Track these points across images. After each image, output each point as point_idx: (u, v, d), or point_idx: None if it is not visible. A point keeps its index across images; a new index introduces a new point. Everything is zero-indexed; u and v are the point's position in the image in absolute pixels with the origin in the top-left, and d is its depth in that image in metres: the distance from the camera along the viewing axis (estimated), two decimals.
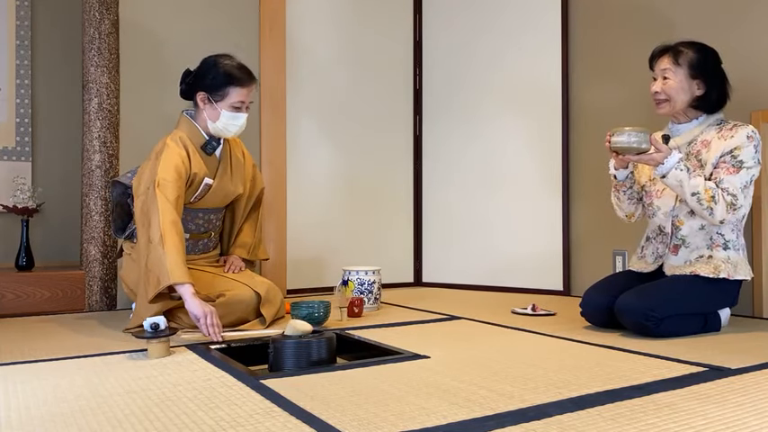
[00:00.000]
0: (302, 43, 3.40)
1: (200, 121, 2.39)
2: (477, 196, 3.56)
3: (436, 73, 3.71)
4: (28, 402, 1.38)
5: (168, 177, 2.20)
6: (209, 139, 2.39)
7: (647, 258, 2.33)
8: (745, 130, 2.13)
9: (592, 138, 3.19)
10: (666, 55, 2.22)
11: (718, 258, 2.16)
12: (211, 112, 2.33)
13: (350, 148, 3.56)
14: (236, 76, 2.32)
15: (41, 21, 3.14)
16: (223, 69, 2.32)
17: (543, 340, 2.06)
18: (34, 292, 2.68)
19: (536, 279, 3.36)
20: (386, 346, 1.95)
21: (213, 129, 2.36)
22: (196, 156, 2.34)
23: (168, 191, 2.18)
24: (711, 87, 2.20)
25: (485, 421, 1.22)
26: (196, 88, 2.35)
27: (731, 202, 2.06)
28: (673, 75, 2.19)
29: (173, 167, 2.23)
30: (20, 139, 3.05)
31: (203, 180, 2.35)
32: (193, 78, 2.37)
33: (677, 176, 2.07)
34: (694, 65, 2.18)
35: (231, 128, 2.35)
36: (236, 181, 2.51)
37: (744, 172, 2.09)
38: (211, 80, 2.32)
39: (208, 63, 2.36)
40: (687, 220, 2.19)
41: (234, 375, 1.58)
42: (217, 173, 2.42)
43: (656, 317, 2.03)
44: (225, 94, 2.31)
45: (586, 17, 3.24)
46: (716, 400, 1.36)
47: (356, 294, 2.65)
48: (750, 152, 2.10)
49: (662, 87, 2.21)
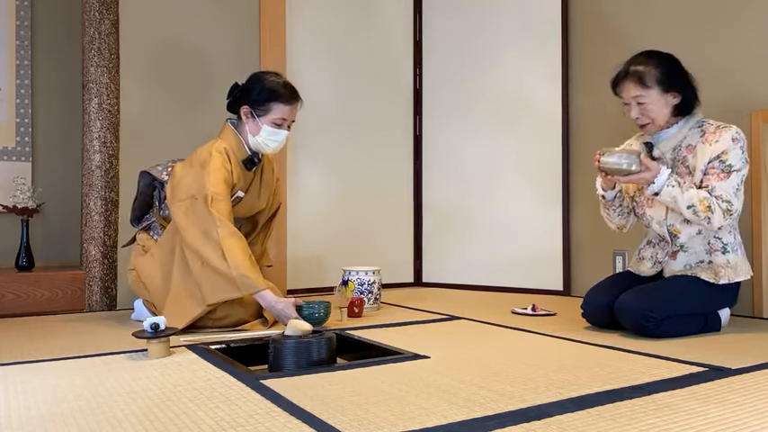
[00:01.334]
0: (302, 43, 3.40)
1: (241, 132, 2.40)
2: (478, 196, 3.56)
3: (436, 73, 3.70)
4: (28, 402, 1.38)
5: (220, 191, 2.22)
6: (252, 155, 2.40)
7: (646, 262, 2.32)
8: (728, 133, 2.09)
9: (592, 137, 3.19)
10: (630, 81, 2.15)
11: (718, 264, 2.16)
12: (253, 127, 2.36)
13: (350, 147, 3.56)
14: (280, 93, 2.34)
15: (41, 21, 3.14)
16: (268, 85, 2.35)
17: (543, 340, 2.06)
18: (34, 292, 2.68)
19: (536, 279, 3.36)
20: (386, 347, 1.95)
21: (253, 143, 2.38)
22: (237, 169, 2.37)
23: (221, 205, 2.21)
24: (685, 91, 2.16)
25: (485, 421, 1.22)
26: (241, 102, 2.37)
27: (727, 209, 2.05)
28: (646, 99, 2.13)
29: (222, 181, 2.25)
30: (20, 139, 3.05)
31: (237, 192, 2.38)
32: (240, 92, 2.38)
33: (670, 193, 2.05)
34: (663, 80, 2.13)
35: (271, 143, 2.38)
36: (263, 197, 2.55)
37: (734, 175, 2.07)
38: (256, 95, 2.34)
39: (254, 78, 2.39)
40: (684, 228, 2.17)
41: (234, 375, 1.58)
42: (250, 187, 2.45)
43: (656, 317, 2.03)
44: (268, 109, 2.34)
45: (586, 18, 3.24)
46: (716, 400, 1.36)
47: (356, 294, 2.65)
48: (737, 154, 2.08)
49: (640, 113, 2.16)
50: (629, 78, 2.16)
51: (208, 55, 2.52)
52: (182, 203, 2.23)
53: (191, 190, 2.23)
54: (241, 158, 2.38)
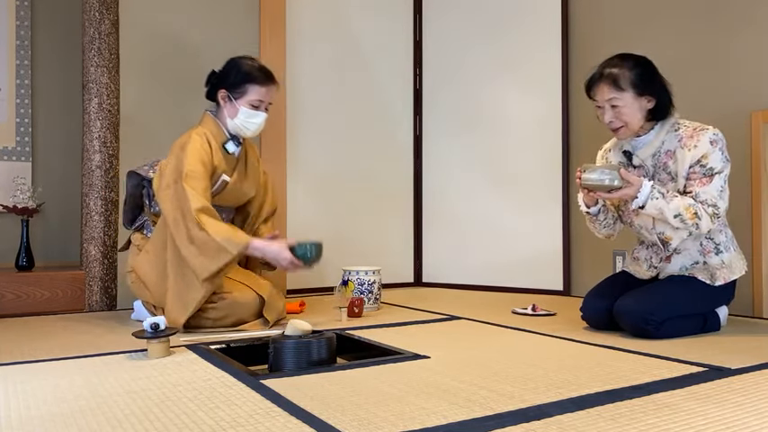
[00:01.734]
0: (302, 43, 3.40)
1: (221, 118, 2.45)
2: (478, 196, 3.56)
3: (436, 73, 3.71)
4: (28, 402, 1.38)
5: (195, 169, 2.26)
6: (231, 138, 2.44)
7: (642, 264, 2.32)
8: (705, 136, 2.07)
9: (592, 137, 3.19)
10: (604, 84, 2.12)
11: (713, 265, 2.16)
12: (231, 109, 2.41)
13: (350, 147, 3.56)
14: (255, 75, 2.40)
15: (41, 21, 3.14)
16: (244, 68, 2.40)
17: (543, 340, 2.06)
18: (34, 292, 2.68)
19: (536, 279, 3.36)
20: (386, 347, 1.95)
21: (232, 126, 2.42)
22: (218, 152, 2.40)
23: (196, 182, 2.24)
24: (660, 96, 2.13)
25: (485, 421, 1.22)
26: (219, 87, 2.42)
27: (713, 213, 2.05)
28: (620, 102, 2.11)
29: (198, 159, 2.29)
30: (20, 139, 3.05)
31: (221, 176, 2.40)
32: (217, 78, 2.44)
33: (656, 205, 2.04)
34: (637, 83, 2.09)
35: (249, 126, 2.42)
36: (250, 183, 2.56)
37: (716, 178, 2.05)
38: (233, 78, 2.40)
39: (230, 63, 2.45)
40: (674, 234, 2.16)
41: (234, 375, 1.58)
42: (234, 171, 2.47)
43: (656, 320, 2.03)
44: (244, 91, 2.39)
45: (586, 18, 3.25)
46: (716, 400, 1.36)
47: (356, 294, 2.65)
48: (717, 157, 2.06)
49: (614, 116, 2.13)
50: (603, 81, 2.13)
51: (208, 55, 2.53)
52: (167, 191, 2.27)
53: (173, 175, 2.27)
54: (221, 142, 2.43)
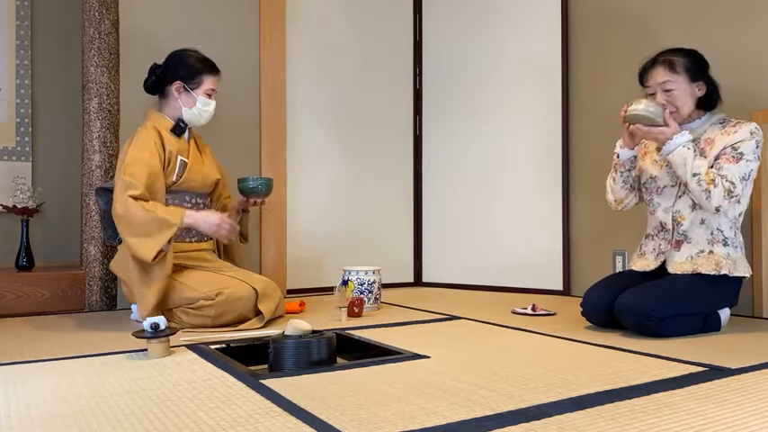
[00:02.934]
0: (302, 43, 3.40)
1: (167, 111, 2.53)
2: (478, 196, 3.56)
3: (436, 73, 3.71)
4: (28, 402, 1.38)
5: (136, 156, 2.33)
6: (177, 122, 2.53)
7: (648, 256, 2.33)
8: (748, 126, 2.15)
9: (592, 138, 3.19)
10: (661, 67, 2.23)
11: (719, 254, 2.16)
12: (188, 100, 2.51)
13: (350, 147, 3.56)
14: (207, 65, 2.53)
15: (41, 21, 3.14)
16: (195, 60, 2.52)
17: (543, 340, 2.06)
18: (34, 292, 2.68)
19: (536, 279, 3.36)
20: (386, 346, 1.95)
21: (188, 115, 2.52)
22: (169, 138, 2.48)
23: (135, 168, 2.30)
24: (709, 85, 2.24)
25: (485, 421, 1.22)
26: (169, 79, 2.50)
27: (729, 189, 2.07)
28: (674, 84, 2.20)
29: (144, 147, 2.36)
30: (20, 139, 3.05)
31: (178, 157, 2.47)
32: (163, 71, 2.52)
33: (683, 154, 2.10)
34: (691, 68, 2.22)
35: (205, 114, 2.53)
36: (210, 165, 2.63)
37: (743, 163, 2.10)
38: (186, 70, 2.50)
39: (177, 56, 2.54)
40: (688, 215, 2.20)
41: (234, 375, 1.58)
42: (189, 153, 2.54)
43: (657, 317, 2.03)
44: (200, 81, 2.51)
45: (586, 15, 3.25)
46: (716, 400, 1.36)
47: (356, 294, 2.65)
48: (751, 146, 2.11)
49: (667, 100, 2.21)
50: (659, 64, 2.24)
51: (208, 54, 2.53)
52: (115, 188, 2.32)
53: (118, 171, 2.35)
54: (168, 129, 2.50)
